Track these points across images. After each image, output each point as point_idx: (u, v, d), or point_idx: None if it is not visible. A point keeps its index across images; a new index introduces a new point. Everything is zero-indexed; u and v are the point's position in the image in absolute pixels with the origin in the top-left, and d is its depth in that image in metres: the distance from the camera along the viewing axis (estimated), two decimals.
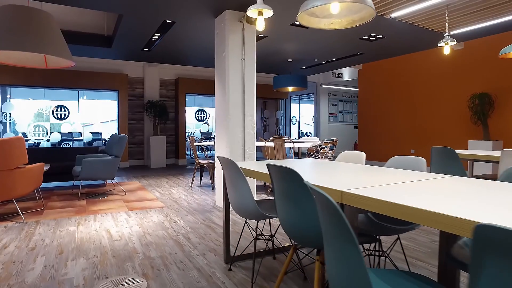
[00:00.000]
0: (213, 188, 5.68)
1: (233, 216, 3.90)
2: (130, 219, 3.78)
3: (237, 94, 4.27)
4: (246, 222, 2.41)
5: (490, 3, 4.17)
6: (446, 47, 3.99)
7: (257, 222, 2.61)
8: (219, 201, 4.43)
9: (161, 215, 3.94)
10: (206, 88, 9.64)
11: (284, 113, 12.37)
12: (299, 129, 13.42)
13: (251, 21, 4.10)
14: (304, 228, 1.61)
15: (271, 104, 11.75)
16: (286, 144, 5.17)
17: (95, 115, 8.73)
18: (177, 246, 2.92)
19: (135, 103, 9.09)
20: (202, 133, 10.39)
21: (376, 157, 9.27)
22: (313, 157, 7.40)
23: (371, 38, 5.67)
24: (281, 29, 5.33)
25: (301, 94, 13.21)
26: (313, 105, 13.40)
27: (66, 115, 8.31)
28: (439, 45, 4.04)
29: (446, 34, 4.01)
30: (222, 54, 4.32)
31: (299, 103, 13.58)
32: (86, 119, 8.61)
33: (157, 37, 5.66)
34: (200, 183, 6.15)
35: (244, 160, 4.31)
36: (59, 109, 8.23)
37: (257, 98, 10.95)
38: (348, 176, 1.80)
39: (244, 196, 2.09)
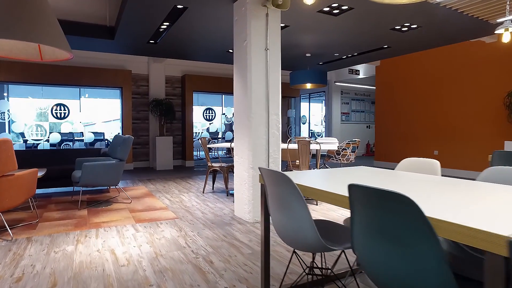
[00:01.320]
0: (227, 194, 5.12)
1: (257, 229, 3.35)
2: (138, 234, 3.23)
3: (261, 89, 3.71)
4: (294, 251, 1.85)
5: None
6: (506, 34, 3.41)
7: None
8: (239, 211, 3.88)
9: (174, 229, 3.39)
10: (214, 85, 9.09)
11: (294, 112, 11.80)
12: (309, 129, 12.86)
13: (277, 3, 3.53)
14: None
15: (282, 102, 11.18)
16: (312, 146, 4.61)
17: (97, 114, 8.18)
18: (199, 273, 2.37)
19: (139, 102, 8.55)
20: (209, 133, 9.84)
21: (394, 158, 8.70)
22: (333, 160, 6.84)
23: (403, 29, 5.09)
24: (306, 17, 4.76)
25: (312, 92, 12.64)
26: (321, 104, 12.84)
27: (66, 114, 7.77)
28: (496, 32, 3.47)
29: (507, 19, 3.43)
30: (243, 44, 3.76)
31: (309, 102, 13.01)
32: (87, 118, 8.07)
33: (165, 26, 5.10)
34: (213, 188, 5.60)
35: (268, 166, 3.76)
36: (58, 108, 7.70)
37: None
38: (490, 201, 1.24)
39: (301, 222, 1.53)
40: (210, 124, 9.72)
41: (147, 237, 3.17)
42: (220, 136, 10.89)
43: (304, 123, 12.84)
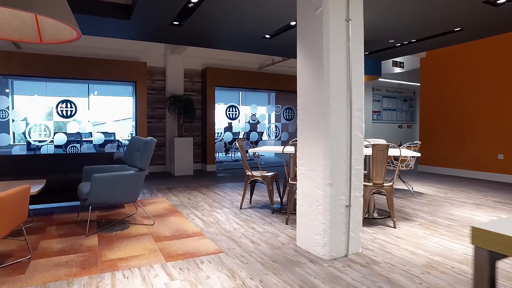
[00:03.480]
0: (273, 211, 4.08)
1: (342, 273, 2.29)
2: (174, 285, 2.20)
3: (341, 75, 2.66)
4: None
5: None
6: None
7: None
8: (306, 242, 2.82)
9: (222, 274, 2.35)
10: (240, 80, 8.05)
11: None
12: None
13: None
14: None
15: None
16: (391, 152, 3.52)
17: (107, 112, 7.19)
18: None
19: (155, 98, 7.55)
20: (233, 134, 8.81)
21: (444, 162, 7.56)
22: (389, 166, 5.77)
23: (498, 1, 3.99)
24: None
25: None
26: None
27: (73, 112, 6.80)
28: None
29: None
30: (315, 12, 2.70)
31: None
32: (96, 117, 7.08)
33: (195, 1, 4.07)
34: (250, 202, 4.56)
35: (350, 181, 2.70)
36: (64, 105, 6.73)
37: (289, 91, 9.35)
38: None
39: None
40: (233, 123, 8.69)
41: None
42: (242, 137, 9.85)
43: None
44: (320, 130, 2.66)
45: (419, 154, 4.07)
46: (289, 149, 3.75)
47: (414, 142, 5.40)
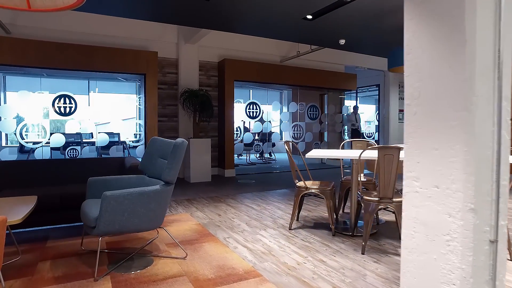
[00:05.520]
0: (333, 233, 3.17)
1: None
2: None
3: (487, 48, 1.76)
4: None
5: None
6: None
7: None
8: None
9: None
10: (261, 74, 7.15)
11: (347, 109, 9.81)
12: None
13: None
14: None
15: (331, 98, 9.17)
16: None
17: (109, 111, 6.25)
18: None
19: (166, 93, 6.63)
20: (253, 134, 7.91)
21: None
22: None
23: None
24: None
25: (361, 86, 10.65)
26: (367, 101, 10.86)
27: (73, 109, 5.87)
28: None
29: None
30: None
31: (356, 99, 11.05)
32: (98, 115, 6.15)
33: None
34: (297, 219, 3.65)
35: (497, 203, 1.80)
36: (62, 101, 5.80)
37: (314, 87, 8.45)
38: None
39: None
40: (255, 122, 7.79)
41: None
42: (259, 138, 8.96)
43: None
44: (457, 129, 1.75)
45: None
46: (369, 154, 2.86)
47: None
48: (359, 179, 3.09)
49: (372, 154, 2.85)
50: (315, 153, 3.08)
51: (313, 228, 3.39)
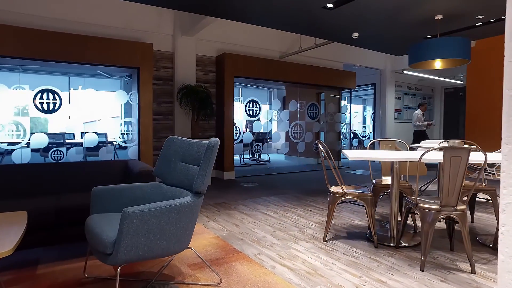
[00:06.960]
0: (376, 245, 2.80)
1: None
2: None
3: None
4: None
5: None
6: None
7: None
8: None
9: None
10: (262, 70, 6.72)
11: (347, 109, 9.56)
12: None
13: None
14: None
15: (329, 96, 8.87)
16: (473, 157, 2.27)
17: (93, 109, 5.61)
18: None
19: (160, 89, 6.08)
20: (253, 133, 7.47)
21: None
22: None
23: None
24: None
25: (359, 85, 10.43)
26: (359, 101, 10.68)
27: (57, 106, 5.22)
28: None
29: None
30: None
31: (350, 98, 10.83)
32: (86, 113, 5.51)
33: None
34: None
35: None
36: (44, 96, 5.14)
37: (315, 85, 8.12)
38: None
39: None
40: (255, 121, 7.34)
41: None
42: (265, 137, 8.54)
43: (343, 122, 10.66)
44: None
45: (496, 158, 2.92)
46: (435, 156, 2.50)
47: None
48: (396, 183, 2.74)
49: (434, 155, 2.49)
50: (358, 155, 2.69)
51: (347, 238, 3.01)
